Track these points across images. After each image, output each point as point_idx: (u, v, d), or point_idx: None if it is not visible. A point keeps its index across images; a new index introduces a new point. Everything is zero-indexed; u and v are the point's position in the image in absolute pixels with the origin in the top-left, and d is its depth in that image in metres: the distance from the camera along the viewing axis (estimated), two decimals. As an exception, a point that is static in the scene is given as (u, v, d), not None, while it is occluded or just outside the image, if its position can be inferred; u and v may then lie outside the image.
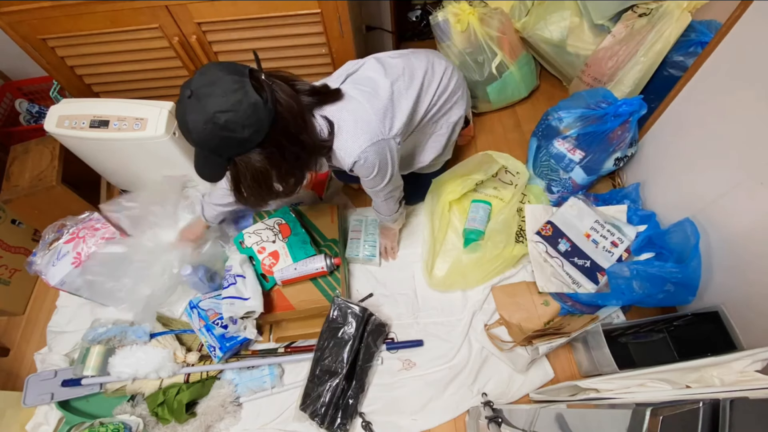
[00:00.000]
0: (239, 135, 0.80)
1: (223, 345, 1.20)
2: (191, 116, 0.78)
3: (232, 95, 0.77)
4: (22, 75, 1.76)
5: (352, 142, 0.96)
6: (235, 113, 0.77)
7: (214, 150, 0.83)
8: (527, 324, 1.26)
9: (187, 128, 0.80)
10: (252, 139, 0.81)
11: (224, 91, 0.77)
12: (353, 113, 0.97)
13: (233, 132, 0.79)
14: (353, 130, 0.96)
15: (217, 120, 0.77)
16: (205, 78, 0.78)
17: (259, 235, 1.30)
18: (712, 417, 0.53)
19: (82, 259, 1.28)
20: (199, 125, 0.78)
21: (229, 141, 0.80)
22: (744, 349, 1.00)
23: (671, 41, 1.30)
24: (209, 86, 0.77)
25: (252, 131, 0.80)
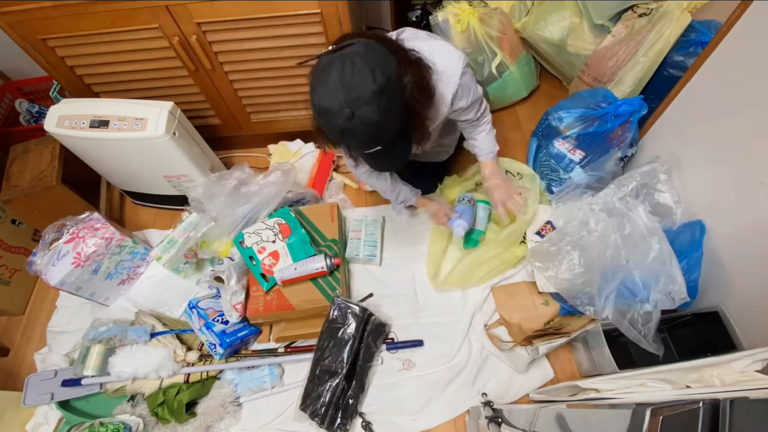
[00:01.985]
0: (393, 71, 0.78)
1: (223, 341, 1.20)
2: (371, 115, 0.76)
3: (356, 66, 0.75)
4: (22, 75, 1.76)
5: (450, 63, 0.95)
6: (379, 65, 0.76)
7: (399, 112, 0.81)
8: (527, 324, 1.25)
9: (382, 123, 0.78)
10: (396, 65, 0.80)
11: (361, 68, 0.75)
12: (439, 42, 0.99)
13: (390, 75, 0.77)
14: (448, 53, 0.96)
15: (379, 84, 0.75)
16: (347, 86, 0.75)
17: (259, 235, 1.30)
18: (712, 417, 0.53)
19: (82, 259, 1.28)
20: (382, 107, 0.76)
21: (395, 86, 0.78)
22: (744, 349, 1.00)
23: (671, 41, 1.30)
24: (349, 85, 0.75)
25: (390, 65, 0.79)
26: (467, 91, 1.01)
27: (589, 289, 1.10)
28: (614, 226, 1.11)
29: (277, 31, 1.27)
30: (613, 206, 1.15)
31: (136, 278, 1.46)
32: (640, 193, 1.20)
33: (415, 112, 0.86)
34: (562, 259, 1.15)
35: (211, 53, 1.33)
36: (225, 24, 1.25)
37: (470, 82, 1.02)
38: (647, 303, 1.04)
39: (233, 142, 1.78)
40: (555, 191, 1.39)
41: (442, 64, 0.94)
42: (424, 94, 0.87)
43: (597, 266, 1.10)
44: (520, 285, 1.34)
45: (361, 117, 0.75)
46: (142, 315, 1.35)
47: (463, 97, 1.01)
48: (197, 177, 1.47)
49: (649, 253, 1.07)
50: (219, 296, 1.28)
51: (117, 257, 1.37)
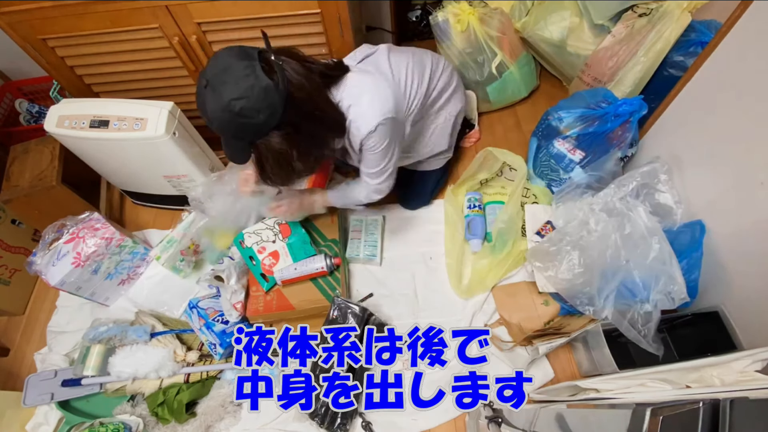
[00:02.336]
0: (255, 120, 0.83)
1: (223, 341, 1.20)
2: (209, 105, 0.82)
3: (243, 81, 0.80)
4: (22, 75, 1.76)
5: (371, 110, 0.99)
6: (248, 99, 0.80)
7: (234, 135, 0.87)
8: (527, 324, 1.25)
9: (208, 117, 0.85)
10: (268, 122, 0.84)
11: (236, 78, 0.80)
12: (373, 86, 1.01)
13: (249, 118, 0.82)
14: (371, 100, 0.99)
15: (233, 108, 0.80)
16: (218, 65, 0.82)
17: (259, 235, 1.30)
18: (712, 417, 0.53)
19: (82, 259, 1.28)
20: (218, 114, 0.82)
21: (246, 126, 0.84)
22: (744, 349, 1.00)
23: (671, 41, 1.30)
24: (222, 74, 0.81)
25: (267, 115, 0.83)
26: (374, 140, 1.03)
27: (589, 289, 1.10)
28: (614, 226, 1.11)
29: (277, 31, 1.27)
30: (613, 206, 1.15)
31: (136, 278, 1.46)
32: (641, 193, 1.20)
33: (260, 155, 0.91)
34: (561, 259, 1.15)
35: (211, 53, 1.33)
36: (225, 24, 1.25)
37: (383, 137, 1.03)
38: (647, 303, 1.04)
39: (233, 142, 1.77)
40: (555, 191, 1.39)
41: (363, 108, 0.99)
42: (276, 159, 0.92)
43: (597, 266, 1.09)
44: (520, 285, 1.34)
45: (208, 97, 0.82)
46: (142, 315, 1.35)
47: (369, 142, 1.03)
48: (197, 177, 1.47)
49: (649, 253, 1.07)
50: (219, 296, 1.29)
51: (117, 257, 1.37)
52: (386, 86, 1.04)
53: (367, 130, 1.00)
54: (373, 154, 1.07)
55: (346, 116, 1.00)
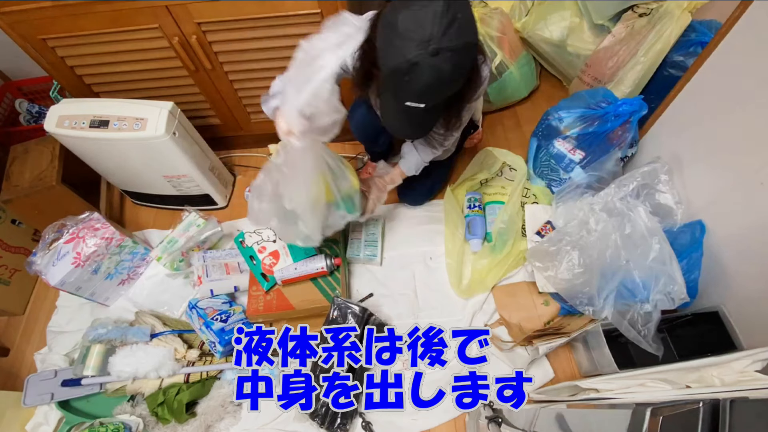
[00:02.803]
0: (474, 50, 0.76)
1: (222, 339, 1.20)
2: (458, 41, 0.71)
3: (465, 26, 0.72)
4: (22, 75, 1.76)
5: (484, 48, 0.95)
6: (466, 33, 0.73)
7: (463, 79, 0.79)
8: (527, 324, 1.25)
9: (433, 90, 0.75)
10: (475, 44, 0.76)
11: (460, 28, 0.70)
12: None
13: (472, 53, 0.75)
14: None
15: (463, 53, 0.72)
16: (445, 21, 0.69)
17: (259, 234, 1.31)
18: (712, 417, 0.53)
19: (82, 259, 1.28)
20: (454, 70, 0.73)
21: (468, 61, 0.76)
22: (744, 349, 1.00)
23: (671, 41, 1.30)
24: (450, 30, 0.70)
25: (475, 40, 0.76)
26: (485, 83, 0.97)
27: (589, 289, 1.10)
28: (614, 226, 1.11)
29: (277, 31, 1.27)
30: (613, 206, 1.15)
31: (136, 278, 1.46)
32: (641, 193, 1.20)
33: (467, 87, 0.84)
34: (561, 259, 1.15)
35: (211, 53, 1.33)
36: (225, 24, 1.25)
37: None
38: (647, 303, 1.04)
39: (233, 142, 1.78)
40: (555, 191, 1.39)
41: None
42: (478, 74, 0.86)
43: (596, 266, 1.10)
44: (520, 285, 1.34)
45: (441, 61, 0.70)
46: (142, 315, 1.35)
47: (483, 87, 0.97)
48: (197, 177, 1.47)
49: (649, 253, 1.07)
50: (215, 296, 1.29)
51: (117, 257, 1.37)
52: None
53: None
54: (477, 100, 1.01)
55: None
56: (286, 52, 1.34)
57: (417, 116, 0.82)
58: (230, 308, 1.30)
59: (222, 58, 1.36)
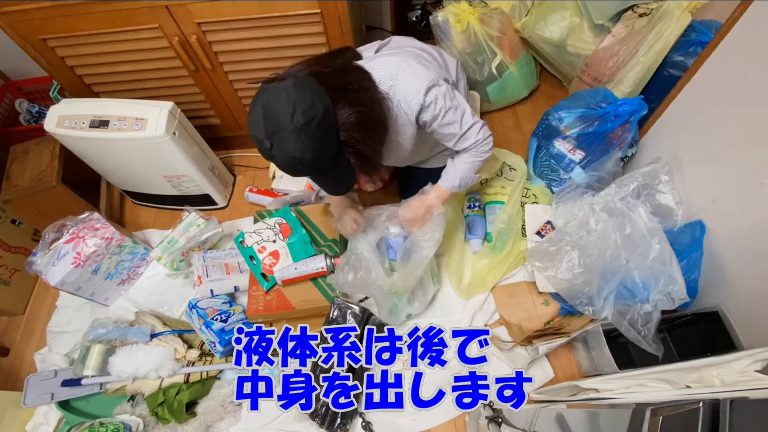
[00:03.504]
0: (318, 111, 0.78)
1: (222, 339, 1.20)
2: (289, 149, 0.78)
3: (278, 103, 0.77)
4: (22, 75, 1.76)
5: (413, 79, 0.93)
6: (297, 104, 0.76)
7: (324, 145, 0.81)
8: (527, 324, 1.25)
9: (299, 159, 0.80)
10: (326, 103, 0.80)
11: (274, 108, 0.77)
12: (405, 62, 0.95)
13: (314, 115, 0.77)
14: (411, 71, 0.94)
15: (298, 123, 0.76)
16: (261, 124, 0.78)
17: (259, 234, 1.30)
18: (712, 417, 0.53)
19: (82, 259, 1.28)
20: (300, 144, 0.78)
21: (321, 123, 0.79)
22: (744, 349, 1.00)
23: (671, 41, 1.30)
24: (267, 119, 0.78)
25: (319, 99, 0.79)
26: (434, 108, 0.96)
27: (588, 289, 1.10)
28: (614, 226, 1.11)
29: (277, 31, 1.27)
30: (613, 206, 1.15)
31: (136, 278, 1.46)
32: (641, 193, 1.20)
33: (355, 148, 0.86)
34: (561, 259, 1.15)
35: (211, 53, 1.33)
36: (225, 24, 1.25)
37: (439, 99, 0.95)
38: (647, 303, 1.04)
39: (233, 142, 1.78)
40: (555, 191, 1.39)
41: (404, 84, 0.93)
42: (365, 132, 0.85)
43: (596, 266, 1.10)
44: (520, 285, 1.34)
45: (280, 149, 0.79)
46: (142, 315, 1.35)
47: (429, 116, 0.97)
48: (197, 177, 1.47)
49: (649, 253, 1.07)
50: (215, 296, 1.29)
51: (117, 257, 1.37)
52: (419, 57, 0.99)
53: (419, 102, 0.93)
54: (443, 121, 0.98)
55: (391, 99, 0.93)
56: (286, 52, 1.34)
57: (319, 181, 0.91)
58: (230, 308, 1.31)
59: (222, 58, 1.36)
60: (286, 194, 1.55)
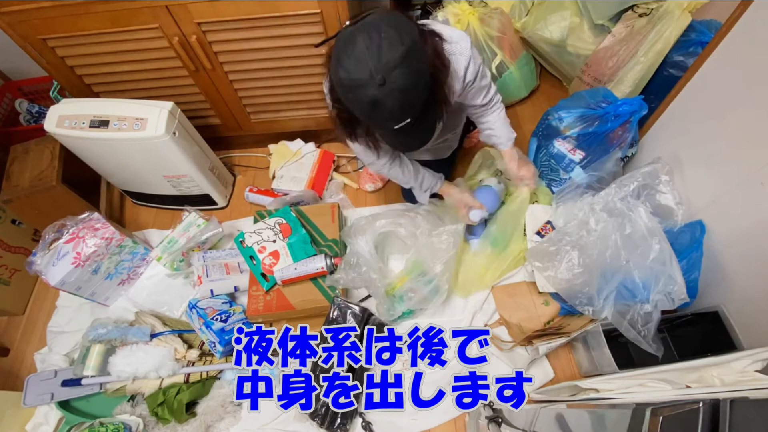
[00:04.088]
0: (416, 34, 0.76)
1: (222, 339, 1.20)
2: (402, 79, 0.74)
3: (377, 42, 0.73)
4: (22, 75, 1.76)
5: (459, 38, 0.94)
6: (402, 29, 0.74)
7: (426, 78, 0.79)
8: (527, 324, 1.26)
9: (411, 90, 0.76)
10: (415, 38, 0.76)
11: (386, 32, 0.73)
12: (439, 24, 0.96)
13: (415, 43, 0.75)
14: (450, 30, 0.95)
15: (406, 45, 0.73)
16: (375, 52, 0.73)
17: (259, 234, 1.30)
18: (712, 417, 0.53)
19: (82, 259, 1.28)
20: (410, 71, 0.74)
21: (418, 52, 0.76)
22: (744, 349, 1.00)
23: (671, 41, 1.30)
24: (382, 50, 0.73)
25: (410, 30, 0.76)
26: (477, 64, 0.99)
27: (588, 289, 1.10)
28: (615, 226, 1.11)
29: (277, 31, 1.27)
30: (614, 206, 1.15)
31: (136, 278, 1.46)
32: (642, 193, 1.20)
33: (438, 79, 0.84)
34: (561, 259, 1.15)
35: (211, 53, 1.33)
36: (225, 24, 1.25)
37: (479, 57, 1.00)
38: (647, 303, 1.04)
39: (233, 142, 1.78)
40: (555, 191, 1.39)
41: (452, 36, 0.93)
42: (442, 60, 0.85)
43: (596, 266, 1.09)
44: (520, 285, 1.34)
45: (393, 83, 0.73)
46: (142, 315, 1.35)
47: (473, 70, 0.98)
48: (197, 177, 1.47)
49: (649, 253, 1.07)
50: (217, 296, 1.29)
51: (117, 257, 1.37)
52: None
53: (468, 55, 0.94)
54: (480, 81, 1.02)
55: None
56: (286, 52, 1.34)
57: (411, 130, 0.85)
58: (230, 308, 1.30)
59: (222, 58, 1.36)
60: (286, 194, 1.55)
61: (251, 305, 1.26)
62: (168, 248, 1.38)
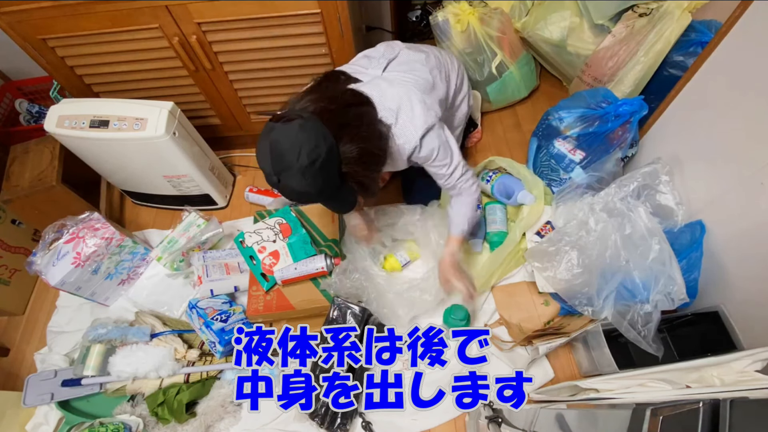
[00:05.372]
0: (322, 151, 0.82)
1: (222, 339, 1.20)
2: (296, 186, 0.84)
3: (287, 142, 0.81)
4: (22, 75, 1.76)
5: (411, 126, 0.97)
6: (301, 146, 0.80)
7: (328, 182, 0.86)
8: (527, 324, 1.26)
9: (306, 193, 0.85)
10: (330, 143, 0.83)
11: (282, 148, 0.81)
12: (410, 100, 0.99)
13: (318, 154, 0.81)
14: (412, 114, 0.98)
15: (303, 164, 0.81)
16: (270, 158, 0.82)
17: (259, 234, 1.30)
18: (712, 417, 0.53)
19: (82, 259, 1.28)
20: (304, 181, 0.82)
21: (325, 163, 0.83)
22: (744, 349, 1.00)
23: (671, 41, 1.30)
24: (277, 158, 0.82)
25: (323, 139, 0.83)
26: (427, 153, 1.01)
27: (588, 289, 1.10)
28: (614, 226, 1.11)
29: (277, 31, 1.27)
30: (613, 206, 1.15)
31: (136, 278, 1.46)
32: (642, 193, 1.20)
33: (356, 178, 0.90)
34: (560, 259, 1.15)
35: (211, 53, 1.33)
36: (225, 24, 1.25)
37: (432, 143, 1.00)
38: (647, 304, 1.04)
39: (233, 142, 1.78)
40: (555, 191, 1.39)
41: (402, 126, 0.97)
42: (365, 165, 0.90)
43: (596, 267, 1.09)
44: (520, 285, 1.34)
45: (286, 185, 0.84)
46: (142, 315, 1.35)
47: (420, 155, 1.01)
48: (197, 177, 1.47)
49: (649, 253, 1.07)
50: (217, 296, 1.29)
51: (117, 257, 1.37)
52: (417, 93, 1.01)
53: (413, 146, 0.98)
54: (431, 162, 1.04)
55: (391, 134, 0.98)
56: (286, 52, 1.34)
57: (325, 203, 0.98)
58: (230, 308, 1.31)
59: (222, 58, 1.36)
60: (286, 194, 1.55)
61: (251, 305, 1.26)
62: (168, 248, 1.38)
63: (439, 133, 1.02)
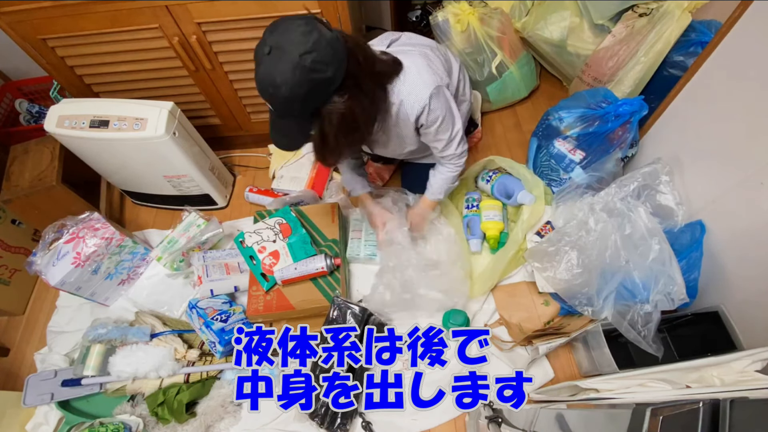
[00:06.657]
0: (325, 75, 0.78)
1: (222, 339, 1.20)
2: (278, 68, 0.76)
3: (309, 36, 0.76)
4: (22, 75, 1.76)
5: (420, 85, 0.96)
6: (317, 52, 0.76)
7: (304, 99, 0.80)
8: (527, 324, 1.26)
9: (276, 83, 0.77)
10: (335, 78, 0.80)
11: (300, 34, 0.76)
12: (414, 62, 0.98)
13: (320, 72, 0.77)
14: (419, 75, 0.96)
15: (305, 62, 0.75)
16: (278, 31, 0.78)
17: (259, 234, 1.30)
18: (712, 417, 0.53)
19: (82, 259, 1.28)
20: (288, 74, 0.76)
21: (318, 84, 0.79)
22: (744, 349, 1.00)
23: (671, 41, 1.30)
24: (285, 34, 0.76)
25: (335, 69, 0.79)
26: (435, 117, 1.01)
27: (587, 289, 1.10)
28: (614, 226, 1.11)
29: (277, 31, 1.27)
30: (613, 206, 1.15)
31: (136, 278, 1.46)
32: (642, 193, 1.20)
33: (324, 128, 0.87)
34: (560, 259, 1.15)
35: (211, 53, 1.33)
36: (225, 24, 1.25)
37: (440, 106, 1.00)
38: (647, 304, 1.04)
39: (233, 142, 1.78)
40: (555, 191, 1.39)
41: (410, 86, 0.96)
42: (340, 123, 0.86)
43: (596, 267, 1.09)
44: (520, 285, 1.34)
45: (270, 63, 0.76)
46: (142, 315, 1.35)
47: (427, 119, 1.00)
48: (197, 177, 1.47)
49: (649, 254, 1.07)
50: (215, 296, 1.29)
51: (117, 257, 1.37)
52: (427, 59, 1.01)
53: (422, 105, 0.96)
54: (435, 128, 1.03)
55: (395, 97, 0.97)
56: (286, 52, 1.34)
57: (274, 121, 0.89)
58: (230, 308, 1.31)
59: (222, 58, 1.36)
60: (286, 194, 1.55)
61: (251, 305, 1.26)
62: (168, 248, 1.38)
63: (447, 97, 1.01)
